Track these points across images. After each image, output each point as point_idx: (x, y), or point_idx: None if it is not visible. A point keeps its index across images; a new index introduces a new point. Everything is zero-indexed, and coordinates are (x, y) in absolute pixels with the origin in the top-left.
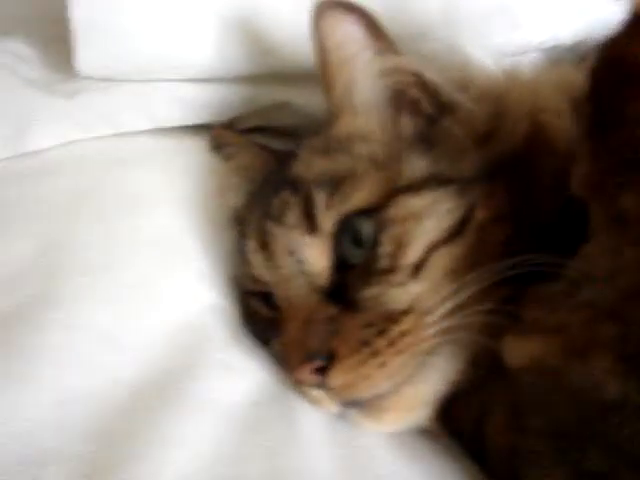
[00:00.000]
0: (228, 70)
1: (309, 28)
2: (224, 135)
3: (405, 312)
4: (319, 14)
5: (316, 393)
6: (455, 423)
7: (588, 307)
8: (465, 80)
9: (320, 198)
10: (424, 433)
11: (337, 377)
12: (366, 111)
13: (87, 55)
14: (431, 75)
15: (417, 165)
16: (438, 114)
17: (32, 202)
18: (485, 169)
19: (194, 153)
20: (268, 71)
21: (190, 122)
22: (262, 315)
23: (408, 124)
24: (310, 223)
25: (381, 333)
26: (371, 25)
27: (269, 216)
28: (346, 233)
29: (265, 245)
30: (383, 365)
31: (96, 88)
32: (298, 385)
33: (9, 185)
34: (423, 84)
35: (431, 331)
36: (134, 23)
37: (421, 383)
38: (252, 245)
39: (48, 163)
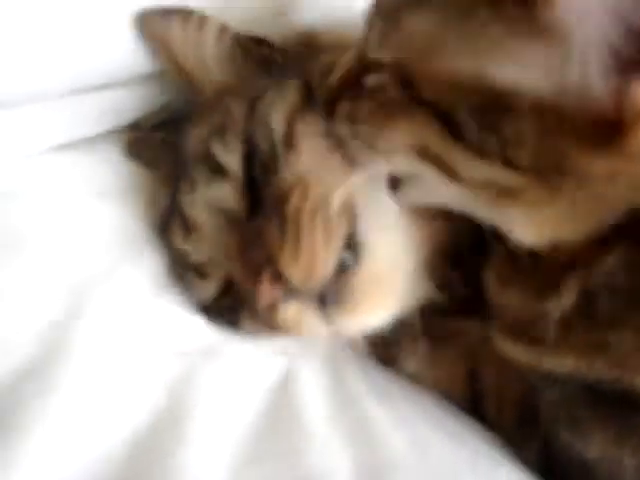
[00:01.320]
0: (124, 72)
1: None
2: (139, 140)
3: (292, 188)
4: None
5: (292, 308)
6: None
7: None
8: None
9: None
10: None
11: (289, 266)
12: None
13: None
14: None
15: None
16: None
17: None
18: None
19: (111, 166)
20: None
21: (95, 132)
22: (223, 305)
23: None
24: (219, 170)
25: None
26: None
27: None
28: (252, 161)
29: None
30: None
31: None
32: (271, 313)
33: None
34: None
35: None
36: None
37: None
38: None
39: None
